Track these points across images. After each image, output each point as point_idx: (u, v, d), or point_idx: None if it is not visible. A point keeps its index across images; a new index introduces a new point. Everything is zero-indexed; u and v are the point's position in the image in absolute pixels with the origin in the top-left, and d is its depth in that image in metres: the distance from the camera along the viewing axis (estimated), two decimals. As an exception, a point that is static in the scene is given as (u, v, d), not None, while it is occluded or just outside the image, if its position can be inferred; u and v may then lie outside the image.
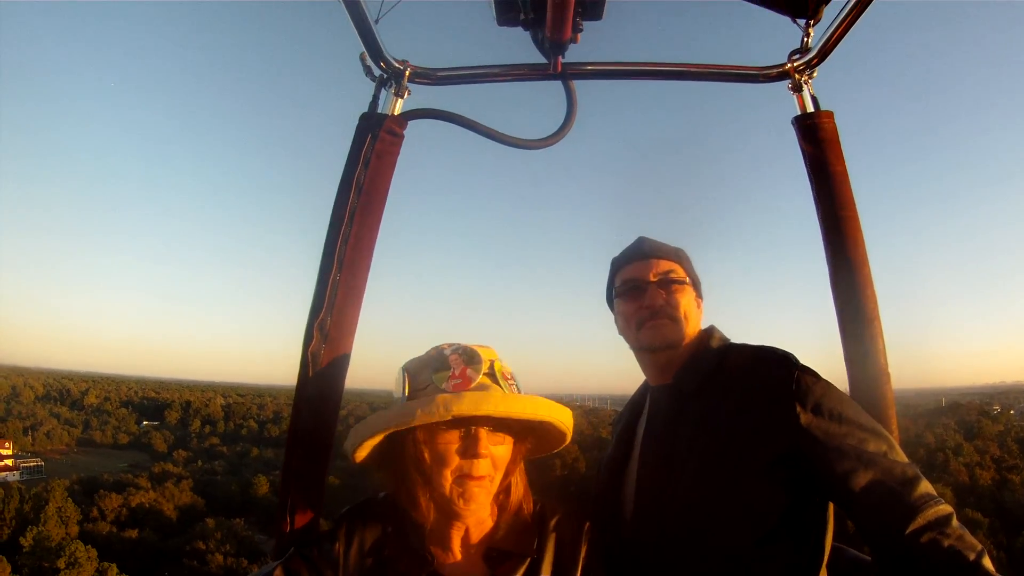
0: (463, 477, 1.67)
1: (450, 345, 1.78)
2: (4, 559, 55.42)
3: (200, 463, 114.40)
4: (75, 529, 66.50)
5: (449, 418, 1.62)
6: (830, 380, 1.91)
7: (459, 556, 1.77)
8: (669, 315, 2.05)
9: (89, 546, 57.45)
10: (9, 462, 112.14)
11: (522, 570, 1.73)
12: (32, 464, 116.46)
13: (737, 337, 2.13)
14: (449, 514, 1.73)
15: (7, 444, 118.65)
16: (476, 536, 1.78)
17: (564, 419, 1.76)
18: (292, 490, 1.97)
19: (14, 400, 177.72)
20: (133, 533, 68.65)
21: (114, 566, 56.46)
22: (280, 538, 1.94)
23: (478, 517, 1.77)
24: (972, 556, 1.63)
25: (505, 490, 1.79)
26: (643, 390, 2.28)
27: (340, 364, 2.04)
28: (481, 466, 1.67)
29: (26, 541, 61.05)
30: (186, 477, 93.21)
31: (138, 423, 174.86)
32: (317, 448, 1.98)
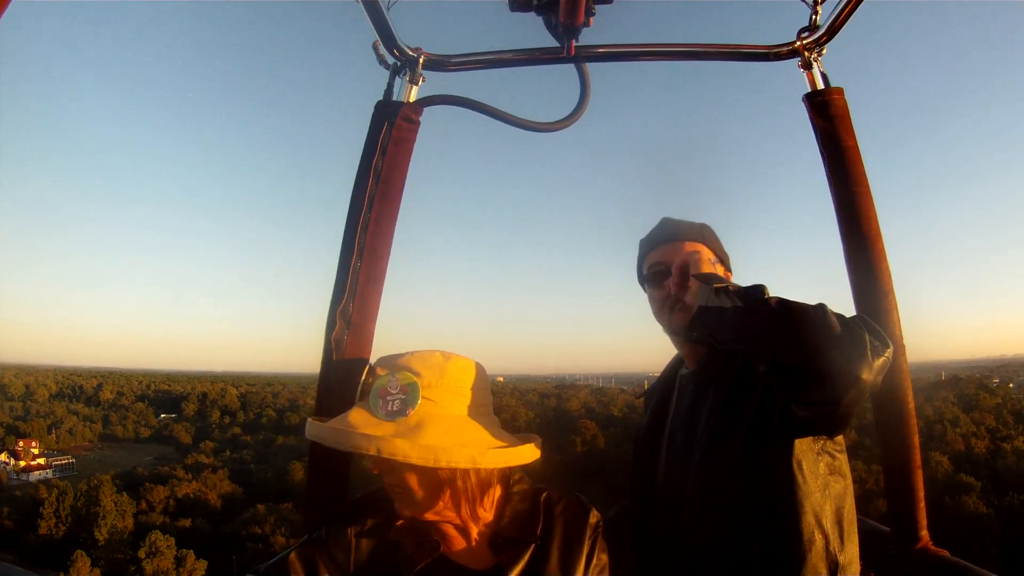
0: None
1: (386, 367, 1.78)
2: (83, 554, 56.28)
3: (228, 453, 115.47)
4: (130, 522, 68.06)
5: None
6: None
7: (464, 543, 1.80)
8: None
9: (168, 535, 58.78)
10: (41, 460, 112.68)
11: (527, 556, 1.75)
12: (64, 462, 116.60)
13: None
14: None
15: (34, 443, 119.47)
16: (480, 524, 1.81)
17: (391, 450, 1.61)
18: (318, 475, 2.03)
19: (30, 399, 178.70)
20: (186, 522, 70.20)
21: (191, 552, 57.72)
22: (309, 522, 1.98)
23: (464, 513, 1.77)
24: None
25: (457, 486, 1.72)
26: (674, 366, 2.33)
27: (363, 350, 2.08)
28: (390, 478, 1.71)
29: (101, 535, 62.72)
30: (221, 467, 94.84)
31: (156, 416, 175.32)
32: None
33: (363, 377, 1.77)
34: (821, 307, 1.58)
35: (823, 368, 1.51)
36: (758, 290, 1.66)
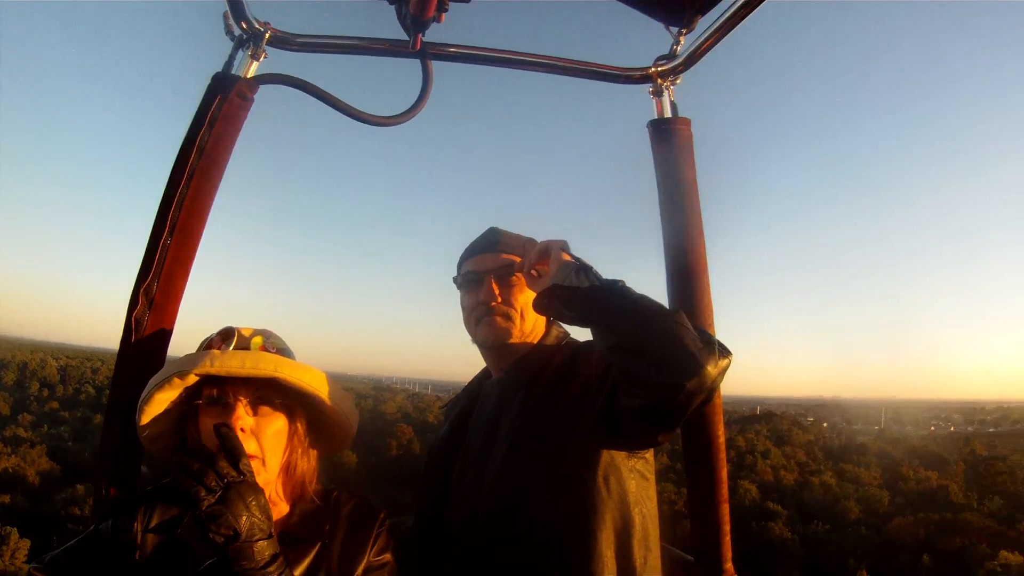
0: None
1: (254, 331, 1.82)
2: None
3: (46, 428, 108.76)
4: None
5: (168, 378, 1.67)
6: None
7: None
8: (503, 312, 2.07)
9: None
10: None
11: (312, 555, 1.75)
12: None
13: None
14: None
15: None
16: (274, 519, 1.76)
17: (296, 375, 1.73)
18: (111, 459, 1.93)
19: None
20: (5, 499, 65.97)
21: (15, 530, 53.48)
22: (96, 512, 1.90)
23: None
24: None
25: (289, 472, 1.80)
26: (480, 378, 2.30)
27: (164, 332, 1.98)
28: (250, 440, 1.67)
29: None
30: (39, 442, 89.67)
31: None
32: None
33: (222, 337, 1.77)
34: (678, 310, 1.69)
35: (673, 350, 1.57)
36: (619, 281, 1.73)
